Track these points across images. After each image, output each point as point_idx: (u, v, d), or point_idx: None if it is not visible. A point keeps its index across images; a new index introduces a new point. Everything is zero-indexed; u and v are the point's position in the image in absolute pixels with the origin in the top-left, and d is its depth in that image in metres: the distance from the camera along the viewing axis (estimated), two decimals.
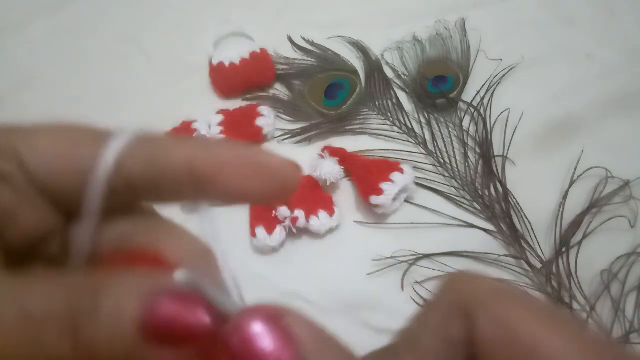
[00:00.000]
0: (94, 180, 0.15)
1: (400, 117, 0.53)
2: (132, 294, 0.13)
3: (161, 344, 0.13)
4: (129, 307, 0.13)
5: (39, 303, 0.13)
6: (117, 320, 0.13)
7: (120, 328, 0.13)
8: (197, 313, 0.14)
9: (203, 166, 0.15)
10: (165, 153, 0.15)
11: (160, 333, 0.13)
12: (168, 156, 0.15)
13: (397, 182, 0.45)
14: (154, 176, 0.15)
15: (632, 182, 0.47)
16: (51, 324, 0.13)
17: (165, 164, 0.15)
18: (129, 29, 0.60)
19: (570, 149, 0.49)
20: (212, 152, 0.16)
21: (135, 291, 0.13)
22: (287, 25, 0.60)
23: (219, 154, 0.16)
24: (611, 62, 0.56)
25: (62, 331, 0.13)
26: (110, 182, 0.15)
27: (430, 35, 0.58)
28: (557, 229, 0.45)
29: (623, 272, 0.43)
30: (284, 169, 0.16)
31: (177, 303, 0.13)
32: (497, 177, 0.48)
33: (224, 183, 0.16)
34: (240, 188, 0.16)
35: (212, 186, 0.16)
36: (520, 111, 0.52)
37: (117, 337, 0.13)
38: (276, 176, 0.16)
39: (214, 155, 0.16)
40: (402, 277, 0.43)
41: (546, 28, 0.59)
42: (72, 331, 0.13)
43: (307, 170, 0.48)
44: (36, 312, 0.13)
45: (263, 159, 0.16)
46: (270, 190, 0.16)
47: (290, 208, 0.44)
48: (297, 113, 0.53)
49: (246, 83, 0.54)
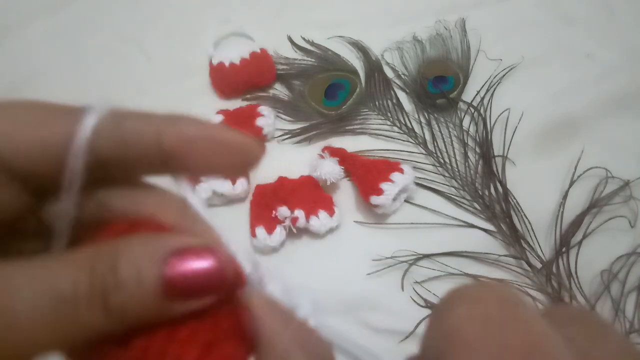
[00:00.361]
0: (71, 159, 0.15)
1: (400, 117, 0.53)
2: (149, 256, 0.14)
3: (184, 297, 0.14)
4: (148, 269, 0.14)
5: (66, 282, 0.14)
6: (140, 284, 0.14)
7: (145, 291, 0.14)
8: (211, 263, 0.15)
9: (170, 142, 0.16)
10: (134, 130, 0.16)
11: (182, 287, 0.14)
12: (137, 133, 0.16)
13: (397, 182, 0.45)
14: (124, 154, 0.16)
15: (632, 182, 0.47)
16: (82, 300, 0.14)
17: (134, 142, 0.16)
18: (129, 29, 0.60)
19: (570, 149, 0.49)
20: (178, 128, 0.16)
21: (151, 253, 0.14)
22: (287, 25, 0.60)
23: (185, 130, 0.16)
24: (611, 62, 0.56)
25: (93, 304, 0.14)
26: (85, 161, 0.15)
27: (430, 35, 0.58)
28: (557, 229, 0.45)
29: (623, 272, 0.43)
30: (247, 144, 0.17)
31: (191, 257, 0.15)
32: (497, 177, 0.48)
33: (191, 158, 0.16)
34: (207, 163, 0.17)
35: (179, 161, 0.16)
36: (520, 111, 0.52)
37: (144, 299, 0.14)
38: (240, 152, 0.17)
39: (180, 131, 0.16)
40: (402, 277, 0.43)
41: (546, 28, 0.59)
42: (101, 302, 0.14)
43: (307, 170, 0.48)
44: (66, 291, 0.13)
45: (227, 135, 0.17)
46: (235, 164, 0.17)
47: (290, 208, 0.44)
48: (297, 113, 0.53)
49: (246, 83, 0.54)
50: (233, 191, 0.46)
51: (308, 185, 0.46)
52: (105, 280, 0.14)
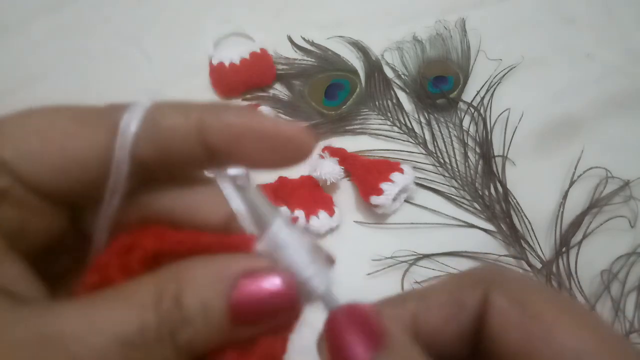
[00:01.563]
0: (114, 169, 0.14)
1: (400, 117, 0.53)
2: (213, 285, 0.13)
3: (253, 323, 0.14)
4: (214, 300, 0.13)
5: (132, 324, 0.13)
6: (207, 317, 0.13)
7: (212, 322, 0.13)
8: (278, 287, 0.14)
9: (214, 138, 0.15)
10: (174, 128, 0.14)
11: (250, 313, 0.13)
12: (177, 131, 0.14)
13: (397, 182, 0.45)
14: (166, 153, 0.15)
15: (632, 182, 0.47)
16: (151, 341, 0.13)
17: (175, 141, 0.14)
18: (129, 29, 0.60)
19: (570, 149, 0.49)
20: (221, 120, 0.15)
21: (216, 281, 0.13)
22: (287, 25, 0.60)
23: (229, 123, 0.15)
24: (611, 62, 0.56)
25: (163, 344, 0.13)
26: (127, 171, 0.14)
27: (430, 35, 0.58)
28: (557, 229, 0.45)
29: (623, 272, 0.43)
30: (298, 136, 0.15)
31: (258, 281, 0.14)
32: (497, 177, 0.48)
33: (237, 152, 0.15)
34: (255, 158, 0.15)
35: (224, 155, 0.15)
36: (520, 111, 0.52)
37: (212, 330, 0.13)
38: (291, 144, 0.15)
39: (224, 124, 0.15)
40: (402, 277, 0.43)
41: (546, 28, 0.59)
42: (171, 341, 0.13)
43: (307, 170, 0.48)
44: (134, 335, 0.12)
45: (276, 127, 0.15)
46: (285, 158, 0.16)
47: (290, 208, 0.44)
48: (297, 113, 0.53)
49: (246, 83, 0.54)
50: None
51: (308, 185, 0.46)
52: (172, 317, 0.13)
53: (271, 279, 0.14)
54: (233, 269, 0.14)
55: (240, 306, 0.13)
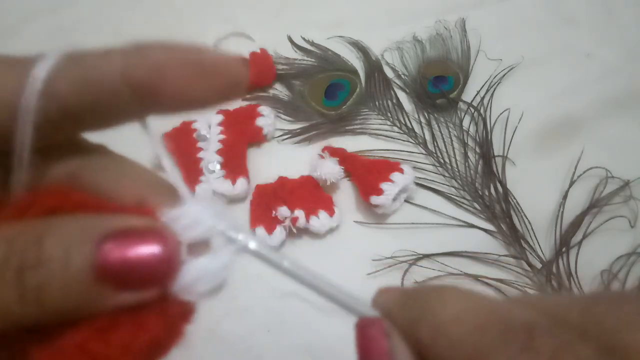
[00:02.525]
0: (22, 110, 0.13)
1: (400, 117, 0.53)
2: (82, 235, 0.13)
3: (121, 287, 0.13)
4: (79, 248, 0.12)
5: None
6: (67, 266, 0.12)
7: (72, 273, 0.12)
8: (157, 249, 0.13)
9: (138, 73, 0.14)
10: (96, 66, 0.14)
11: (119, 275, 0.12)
12: (99, 69, 0.14)
13: (397, 182, 0.45)
14: (89, 95, 0.14)
15: (632, 182, 0.47)
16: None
17: (98, 79, 0.14)
18: (129, 29, 0.60)
19: (570, 149, 0.49)
20: (146, 56, 0.14)
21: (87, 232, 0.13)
22: (287, 25, 0.60)
23: (154, 57, 0.14)
24: (611, 62, 0.56)
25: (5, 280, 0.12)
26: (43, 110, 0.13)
27: (430, 35, 0.58)
28: (557, 229, 0.45)
29: (623, 272, 0.43)
30: (229, 64, 0.15)
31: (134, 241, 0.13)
32: (497, 177, 0.48)
33: (165, 89, 0.14)
34: (184, 92, 0.14)
35: (152, 95, 0.14)
36: (520, 111, 0.52)
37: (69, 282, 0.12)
38: (221, 74, 0.15)
39: (148, 59, 0.14)
40: (402, 277, 0.43)
41: (546, 28, 0.59)
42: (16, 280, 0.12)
43: (307, 170, 0.48)
44: None
45: (203, 56, 0.14)
46: (217, 90, 0.15)
47: (290, 208, 0.44)
48: (297, 113, 0.53)
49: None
50: (233, 191, 0.46)
51: (308, 185, 0.46)
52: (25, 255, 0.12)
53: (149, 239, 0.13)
54: (110, 222, 0.13)
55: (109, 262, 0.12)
